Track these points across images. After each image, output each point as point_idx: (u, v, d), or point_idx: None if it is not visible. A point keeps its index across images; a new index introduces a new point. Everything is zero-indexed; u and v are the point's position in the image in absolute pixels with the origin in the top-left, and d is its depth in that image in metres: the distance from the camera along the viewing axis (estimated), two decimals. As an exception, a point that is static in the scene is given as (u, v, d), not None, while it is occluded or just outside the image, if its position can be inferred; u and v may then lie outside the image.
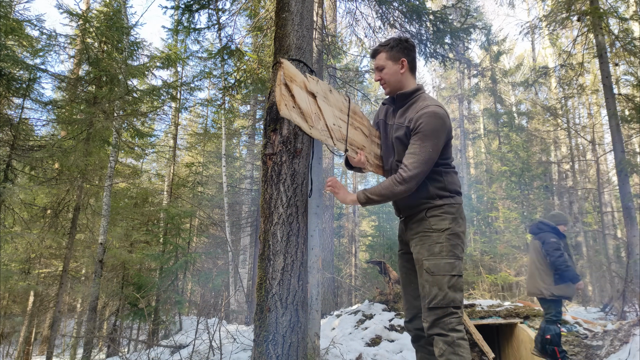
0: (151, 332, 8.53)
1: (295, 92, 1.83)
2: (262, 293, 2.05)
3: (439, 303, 1.81)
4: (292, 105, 1.81)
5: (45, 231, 7.20)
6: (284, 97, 1.78)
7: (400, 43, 2.05)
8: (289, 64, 1.85)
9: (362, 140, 2.13)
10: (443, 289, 1.81)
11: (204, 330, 5.07)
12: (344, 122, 2.06)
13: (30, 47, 6.94)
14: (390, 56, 2.04)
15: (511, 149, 13.27)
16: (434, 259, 1.85)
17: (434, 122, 1.87)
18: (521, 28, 10.95)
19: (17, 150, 6.17)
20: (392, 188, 1.87)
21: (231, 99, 12.12)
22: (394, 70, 2.04)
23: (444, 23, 5.23)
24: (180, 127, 16.51)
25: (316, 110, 1.92)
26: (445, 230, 1.88)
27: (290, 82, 1.82)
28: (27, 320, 10.88)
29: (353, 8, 6.17)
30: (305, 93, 1.89)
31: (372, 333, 5.10)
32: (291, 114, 1.79)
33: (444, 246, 1.86)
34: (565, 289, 4.10)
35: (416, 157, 1.85)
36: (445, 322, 1.80)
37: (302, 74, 1.93)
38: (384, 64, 2.05)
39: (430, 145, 1.85)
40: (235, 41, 6.35)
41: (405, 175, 1.85)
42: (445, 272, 1.83)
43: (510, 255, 11.65)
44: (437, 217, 1.91)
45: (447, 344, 1.77)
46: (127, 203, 10.65)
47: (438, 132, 1.87)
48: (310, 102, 1.90)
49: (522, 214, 12.49)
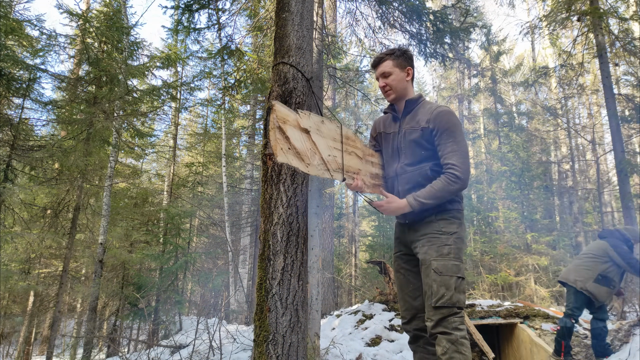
0: (151, 332, 8.53)
1: (289, 133, 1.83)
2: (262, 293, 2.05)
3: (445, 302, 1.85)
4: (288, 147, 1.82)
5: (45, 231, 7.20)
6: (279, 142, 1.78)
7: (406, 52, 2.14)
8: (280, 107, 1.84)
9: (357, 164, 2.15)
10: (450, 289, 1.86)
11: (204, 330, 5.07)
12: (339, 150, 2.06)
13: (30, 47, 6.94)
14: (397, 64, 2.09)
15: (511, 149, 13.27)
16: (443, 260, 1.90)
17: (454, 118, 1.98)
18: (521, 28, 10.94)
19: (17, 150, 6.17)
20: (448, 187, 1.90)
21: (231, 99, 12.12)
22: (401, 77, 2.10)
23: (444, 23, 5.23)
24: (180, 127, 16.53)
25: (311, 146, 1.93)
26: (453, 234, 1.95)
27: (284, 123, 1.83)
28: (27, 320, 10.88)
29: (353, 8, 6.18)
30: (299, 131, 1.90)
31: (372, 333, 5.10)
32: (287, 157, 1.80)
33: (452, 248, 1.92)
34: (602, 291, 4.05)
35: (458, 152, 1.92)
36: (449, 321, 1.85)
37: (294, 111, 1.93)
38: (390, 70, 2.09)
39: (462, 139, 1.95)
40: (235, 41, 6.34)
41: (459, 172, 1.90)
42: (452, 273, 1.88)
43: (510, 255, 11.65)
44: (446, 220, 1.97)
45: (450, 342, 1.81)
46: (127, 203, 10.65)
47: (458, 127, 1.96)
48: (305, 140, 1.91)
49: (522, 214, 12.49)
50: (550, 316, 5.57)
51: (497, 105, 16.24)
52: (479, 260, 12.10)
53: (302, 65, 2.36)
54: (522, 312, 5.59)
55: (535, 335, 5.08)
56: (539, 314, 5.57)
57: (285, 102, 2.26)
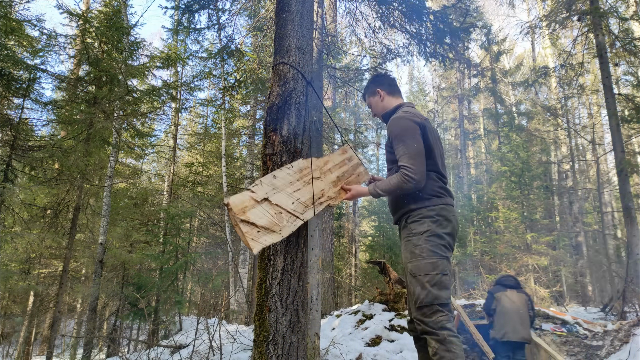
0: (151, 332, 8.53)
1: (252, 218, 1.86)
2: (262, 293, 2.05)
3: (423, 302, 1.90)
4: (257, 232, 1.85)
5: (45, 231, 7.20)
6: (248, 234, 1.81)
7: (371, 80, 2.45)
8: (234, 201, 1.85)
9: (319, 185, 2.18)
10: (425, 287, 1.90)
11: (204, 330, 5.07)
12: (298, 189, 2.10)
13: (30, 47, 6.93)
14: (369, 94, 2.41)
15: (511, 149, 13.26)
16: (415, 261, 1.96)
17: (400, 123, 2.12)
18: (521, 28, 10.94)
19: (17, 150, 6.17)
20: (402, 185, 2.00)
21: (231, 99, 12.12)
22: (375, 101, 2.39)
23: (444, 23, 5.22)
24: (180, 127, 16.51)
25: (274, 210, 1.95)
26: (424, 233, 1.99)
27: (244, 214, 1.85)
28: (27, 320, 10.88)
29: (353, 8, 6.17)
30: (260, 205, 1.92)
31: (372, 333, 5.10)
32: (262, 241, 1.84)
33: (423, 248, 1.96)
34: None
35: (407, 154, 2.02)
36: (434, 321, 1.87)
37: (246, 190, 1.95)
38: (368, 102, 2.43)
39: (411, 142, 2.04)
40: (235, 41, 6.34)
41: (411, 173, 1.99)
42: (426, 272, 1.92)
43: (510, 255, 11.66)
44: (416, 222, 2.04)
45: (438, 342, 1.84)
46: (127, 203, 10.65)
47: (407, 130, 2.07)
48: (267, 209, 1.93)
49: (522, 214, 12.49)
50: (550, 316, 5.57)
51: (497, 105, 16.24)
52: (479, 260, 12.10)
53: (302, 66, 2.36)
54: (522, 312, 5.57)
55: (535, 335, 5.08)
56: (538, 314, 5.57)
57: (285, 102, 2.26)
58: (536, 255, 11.35)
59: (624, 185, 7.24)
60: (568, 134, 15.17)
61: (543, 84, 14.27)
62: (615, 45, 8.91)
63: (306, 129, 2.31)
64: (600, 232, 13.25)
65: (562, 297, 11.74)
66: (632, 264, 6.75)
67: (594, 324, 5.67)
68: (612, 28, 8.73)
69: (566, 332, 5.31)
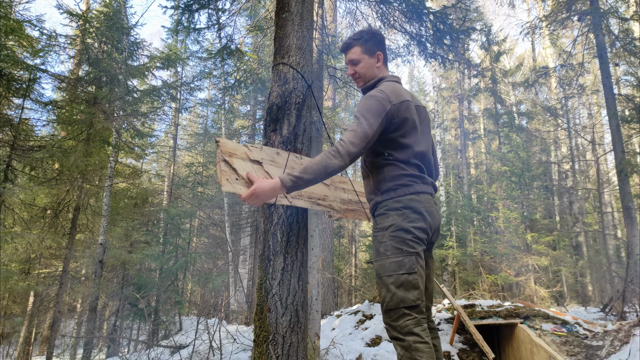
0: (151, 332, 8.53)
1: (236, 165, 1.84)
2: (262, 293, 2.05)
3: (388, 305, 1.70)
4: (235, 178, 1.82)
5: (45, 231, 7.20)
6: (224, 173, 1.79)
7: (375, 36, 2.00)
8: (225, 142, 1.86)
9: (323, 191, 2.16)
10: (390, 289, 1.70)
11: (204, 330, 5.07)
12: None
13: (30, 48, 6.93)
14: (365, 49, 1.98)
15: (511, 149, 13.26)
16: (380, 260, 1.75)
17: (368, 102, 1.80)
18: (521, 28, 10.95)
19: (17, 151, 6.18)
20: (326, 161, 1.70)
21: (231, 99, 12.12)
22: (370, 64, 1.98)
23: (444, 23, 5.23)
24: (180, 127, 16.52)
25: (264, 175, 1.94)
26: (388, 228, 1.75)
27: (230, 157, 1.84)
28: (27, 320, 10.87)
29: (353, 8, 6.17)
30: (250, 163, 1.91)
31: (372, 333, 5.10)
32: (234, 187, 1.80)
33: (387, 245, 1.73)
34: None
35: (352, 132, 1.74)
36: (400, 326, 1.67)
37: (244, 145, 1.95)
38: (359, 57, 1.98)
39: (365, 122, 1.74)
40: (235, 41, 6.34)
41: (340, 147, 1.72)
42: (391, 272, 1.71)
43: (510, 255, 11.65)
44: (381, 215, 1.81)
45: (404, 348, 1.64)
46: (127, 203, 10.64)
47: (371, 110, 1.77)
48: (256, 170, 1.92)
49: (522, 214, 12.49)
50: (550, 316, 5.57)
51: (497, 106, 16.23)
52: (479, 260, 12.09)
53: (302, 66, 2.35)
54: (522, 313, 5.59)
55: (535, 335, 5.08)
56: (539, 314, 5.57)
57: (285, 102, 2.26)
58: (536, 255, 11.35)
59: (624, 185, 7.23)
60: (568, 134, 15.17)
61: (543, 84, 14.28)
62: (615, 45, 8.92)
63: (306, 129, 2.31)
64: (600, 232, 13.25)
65: (562, 297, 11.74)
66: (632, 264, 6.74)
67: (594, 324, 5.66)
68: (612, 28, 8.73)
69: (566, 332, 5.30)
